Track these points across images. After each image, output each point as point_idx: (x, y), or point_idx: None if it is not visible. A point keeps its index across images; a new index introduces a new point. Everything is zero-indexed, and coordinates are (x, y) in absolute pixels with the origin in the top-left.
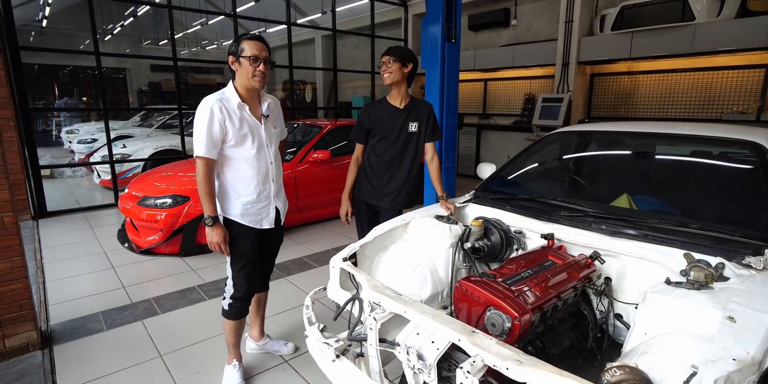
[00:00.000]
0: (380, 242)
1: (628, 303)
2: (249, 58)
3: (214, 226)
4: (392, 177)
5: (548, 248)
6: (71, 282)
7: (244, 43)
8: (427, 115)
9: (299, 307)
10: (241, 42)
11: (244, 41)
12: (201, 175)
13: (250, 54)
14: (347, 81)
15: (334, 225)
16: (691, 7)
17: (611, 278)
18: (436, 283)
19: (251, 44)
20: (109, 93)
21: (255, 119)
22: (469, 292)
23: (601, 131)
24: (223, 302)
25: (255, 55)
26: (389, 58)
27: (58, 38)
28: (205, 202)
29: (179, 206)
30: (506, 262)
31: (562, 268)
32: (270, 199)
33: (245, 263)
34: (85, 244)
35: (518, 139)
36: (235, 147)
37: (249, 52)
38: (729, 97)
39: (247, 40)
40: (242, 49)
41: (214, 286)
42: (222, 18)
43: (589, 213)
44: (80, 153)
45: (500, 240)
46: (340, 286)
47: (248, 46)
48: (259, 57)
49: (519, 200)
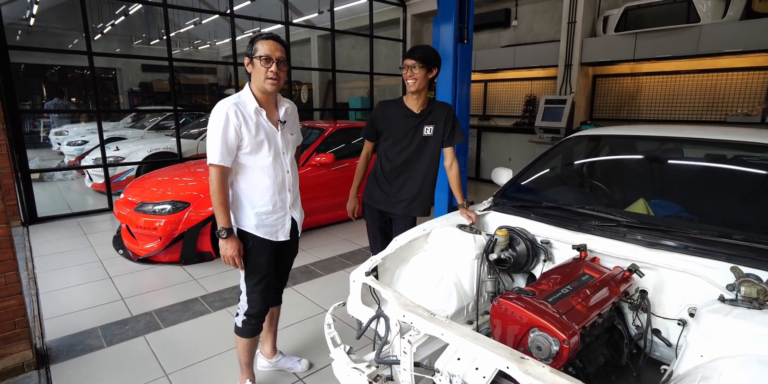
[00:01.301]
0: (400, 254)
1: (668, 318)
2: (261, 59)
3: (228, 239)
4: (405, 183)
5: (581, 260)
6: (66, 294)
7: (258, 43)
8: (445, 117)
9: (309, 320)
10: (255, 42)
11: (258, 41)
12: (214, 184)
13: (262, 54)
14: (344, 82)
15: (338, 230)
16: (696, 8)
17: (647, 291)
18: (461, 297)
19: (264, 44)
20: (100, 93)
21: (272, 125)
22: (509, 311)
23: (623, 135)
24: (236, 319)
25: (267, 55)
26: (414, 63)
27: (46, 37)
28: (218, 212)
29: (179, 213)
30: (541, 276)
31: (602, 283)
32: (286, 209)
33: (260, 278)
34: (79, 252)
35: (520, 141)
36: (250, 154)
37: (261, 52)
38: (733, 100)
39: (261, 39)
40: (255, 50)
41: (217, 297)
42: (215, 18)
43: (623, 222)
44: (70, 155)
45: (526, 250)
46: (361, 300)
47: (261, 46)
48: (271, 57)
49: (544, 208)
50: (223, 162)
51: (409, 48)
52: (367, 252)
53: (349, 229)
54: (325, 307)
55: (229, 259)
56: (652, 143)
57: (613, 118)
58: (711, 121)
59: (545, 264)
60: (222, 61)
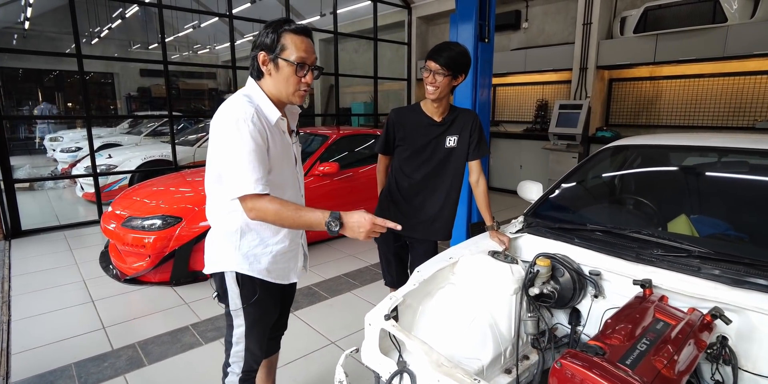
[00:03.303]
0: (423, 287)
1: (760, 375)
2: (294, 65)
3: (346, 223)
4: (425, 201)
5: (646, 300)
6: (41, 322)
7: (288, 37)
8: (471, 127)
9: (314, 354)
10: (282, 34)
11: (288, 34)
12: (270, 217)
13: (296, 58)
14: (346, 86)
15: (342, 244)
16: (723, 7)
17: (728, 338)
18: (498, 342)
19: (297, 41)
20: (96, 99)
21: (288, 137)
22: (578, 378)
23: (669, 145)
24: (228, 379)
25: (302, 59)
26: (438, 68)
27: (42, 41)
28: (301, 220)
29: (170, 228)
30: (606, 325)
31: (684, 335)
32: (299, 242)
33: (265, 331)
34: (61, 271)
35: (531, 147)
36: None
37: (295, 53)
38: (762, 104)
39: (291, 33)
40: (282, 47)
41: (211, 325)
42: (214, 21)
43: (695, 253)
44: (63, 162)
45: (572, 283)
46: (379, 348)
47: (292, 44)
48: (306, 63)
49: (589, 231)
50: (262, 188)
51: (430, 49)
52: (375, 271)
53: (354, 244)
54: (332, 337)
55: (370, 234)
56: (703, 154)
57: (631, 124)
58: (737, 127)
59: (594, 300)
60: (221, 64)
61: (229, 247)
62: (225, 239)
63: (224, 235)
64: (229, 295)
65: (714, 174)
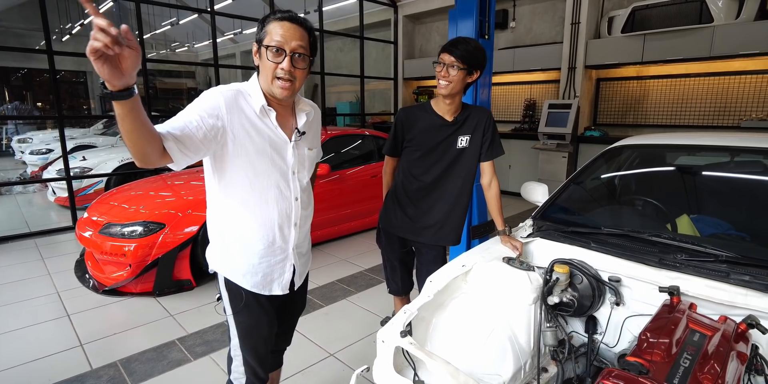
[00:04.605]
0: (435, 298)
1: None
2: (269, 49)
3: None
4: (434, 205)
5: (676, 309)
6: (11, 339)
7: (271, 24)
8: (484, 125)
9: (313, 368)
10: (267, 22)
11: (271, 22)
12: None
13: (274, 42)
14: (331, 85)
15: (335, 249)
16: (709, 8)
17: (759, 346)
18: (518, 355)
19: (277, 26)
20: (68, 98)
21: (282, 133)
22: None
23: (679, 145)
24: None
25: (279, 44)
26: (453, 61)
27: (9, 38)
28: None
29: (152, 235)
30: (641, 338)
31: (726, 347)
32: (288, 251)
33: (259, 344)
34: (33, 282)
35: (520, 147)
36: (242, 166)
37: (273, 38)
38: (747, 104)
39: (275, 20)
40: (264, 33)
41: (199, 339)
42: (193, 18)
43: (722, 257)
44: (33, 165)
45: (591, 290)
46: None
47: (273, 29)
48: (283, 48)
49: (605, 235)
50: (166, 132)
51: (447, 42)
52: (370, 276)
53: (347, 248)
54: (330, 349)
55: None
56: (714, 154)
57: (619, 123)
58: (723, 126)
59: (615, 308)
60: (201, 62)
61: (216, 245)
62: (214, 237)
63: (213, 232)
64: (223, 299)
65: (728, 174)
